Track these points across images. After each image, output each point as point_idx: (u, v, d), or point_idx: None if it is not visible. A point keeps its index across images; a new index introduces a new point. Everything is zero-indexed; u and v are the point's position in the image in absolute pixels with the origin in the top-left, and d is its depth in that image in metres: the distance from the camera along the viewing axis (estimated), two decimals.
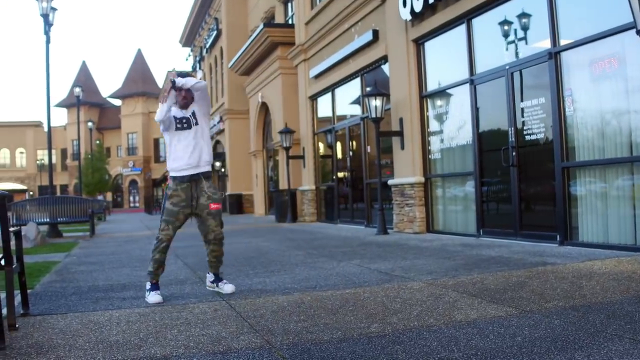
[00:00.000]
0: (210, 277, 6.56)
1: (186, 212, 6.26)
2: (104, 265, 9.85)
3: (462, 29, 11.81)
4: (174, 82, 6.04)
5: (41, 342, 4.51)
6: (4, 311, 4.84)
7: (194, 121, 6.25)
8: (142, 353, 4.10)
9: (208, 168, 6.35)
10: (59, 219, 17.95)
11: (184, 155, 6.19)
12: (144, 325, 4.96)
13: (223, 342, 4.32)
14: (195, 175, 6.22)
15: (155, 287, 6.20)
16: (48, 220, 17.84)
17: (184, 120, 6.23)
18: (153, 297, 6.06)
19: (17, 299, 5.58)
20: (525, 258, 7.95)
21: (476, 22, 11.50)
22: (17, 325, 4.98)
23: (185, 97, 6.22)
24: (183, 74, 6.20)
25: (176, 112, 6.27)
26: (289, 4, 25.17)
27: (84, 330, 4.86)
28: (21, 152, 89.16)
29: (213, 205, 6.26)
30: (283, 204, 21.56)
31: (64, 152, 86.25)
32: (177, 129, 6.24)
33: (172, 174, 6.29)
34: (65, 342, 4.50)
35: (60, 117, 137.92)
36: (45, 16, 19.00)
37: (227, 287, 6.36)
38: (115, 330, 4.82)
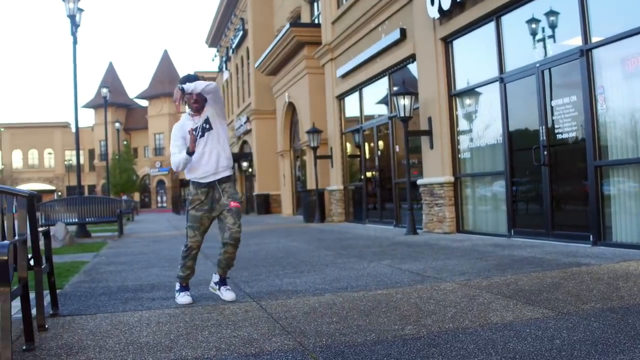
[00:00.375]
0: (215, 278, 6.31)
1: (210, 216, 6.09)
2: (132, 265, 9.89)
3: (491, 26, 11.70)
4: (183, 89, 5.81)
5: (71, 343, 4.52)
6: (34, 312, 4.85)
7: (207, 127, 6.03)
8: (173, 355, 4.09)
9: (227, 173, 6.14)
10: (87, 219, 18.09)
11: (199, 165, 6.01)
12: (174, 327, 4.95)
13: (255, 344, 4.29)
14: (212, 183, 6.04)
15: (184, 288, 6.17)
16: (76, 220, 17.99)
17: (196, 130, 6.01)
18: (183, 298, 6.03)
19: (47, 299, 5.61)
20: (559, 259, 7.84)
21: (505, 19, 11.38)
22: (46, 326, 5.00)
23: (197, 101, 5.99)
24: (191, 78, 5.94)
25: (188, 124, 6.09)
26: (315, 4, 25.15)
27: (114, 331, 4.87)
28: (49, 153, 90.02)
29: (233, 203, 6.02)
30: (311, 204, 21.54)
31: (91, 153, 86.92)
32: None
33: (191, 179, 6.14)
34: (95, 343, 4.51)
35: (88, 118, 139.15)
36: (72, 17, 19.12)
37: (227, 294, 6.14)
38: (145, 332, 4.82)
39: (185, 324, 5.04)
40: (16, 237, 4.52)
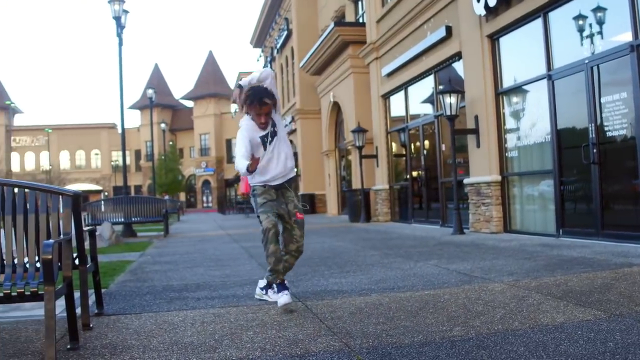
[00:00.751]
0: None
1: (280, 208, 5.72)
2: (178, 264, 9.95)
3: (538, 23, 11.52)
4: (240, 86, 5.69)
5: (115, 343, 4.55)
6: (78, 311, 4.89)
7: (274, 130, 5.75)
8: (217, 355, 4.09)
9: (293, 173, 5.94)
10: (133, 219, 18.29)
11: (267, 170, 5.71)
12: (219, 327, 4.95)
13: (300, 344, 4.28)
14: (281, 185, 5.81)
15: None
16: (122, 220, 18.20)
17: (266, 138, 5.72)
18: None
19: (92, 298, 5.65)
20: (609, 259, 7.69)
21: (553, 15, 11.20)
22: (91, 325, 5.04)
23: (265, 123, 5.66)
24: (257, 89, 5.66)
25: (257, 133, 5.73)
26: (360, 2, 25.10)
27: (158, 331, 4.89)
28: (96, 154, 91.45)
29: (300, 215, 5.83)
30: (356, 204, 21.48)
31: (137, 153, 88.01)
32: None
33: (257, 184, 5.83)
34: (139, 342, 4.53)
35: (134, 118, 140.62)
36: (117, 19, 19.37)
37: (276, 297, 5.57)
38: (190, 331, 4.83)
39: (230, 323, 5.04)
40: (61, 237, 4.56)
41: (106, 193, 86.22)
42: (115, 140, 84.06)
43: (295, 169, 6.12)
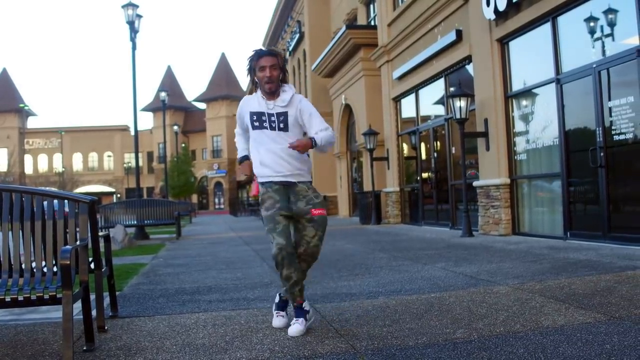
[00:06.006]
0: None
1: (284, 213, 4.90)
2: (190, 267, 10.07)
3: (547, 27, 11.61)
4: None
5: (129, 345, 4.67)
6: (94, 313, 5.02)
7: (282, 125, 5.02)
8: (228, 357, 4.21)
9: (308, 176, 5.18)
10: (145, 222, 18.41)
11: (265, 163, 5.03)
12: (230, 329, 5.07)
13: (308, 346, 4.40)
14: (287, 183, 5.00)
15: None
16: (135, 222, 18.32)
17: (264, 117, 5.03)
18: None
19: (106, 301, 5.76)
20: (614, 262, 7.77)
21: (562, 19, 11.28)
22: (106, 327, 5.17)
23: (271, 80, 4.98)
24: (262, 53, 5.03)
25: (258, 107, 5.07)
26: (371, 5, 25.18)
27: (171, 333, 5.01)
28: (109, 156, 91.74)
29: (315, 211, 4.95)
30: (367, 206, 21.57)
31: (150, 155, 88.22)
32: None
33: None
34: (152, 344, 4.66)
35: (147, 121, 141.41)
36: (131, 23, 19.61)
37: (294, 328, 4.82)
38: (201, 333, 4.95)
39: (241, 326, 5.16)
40: (78, 242, 4.70)
41: (118, 195, 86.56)
42: (128, 143, 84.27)
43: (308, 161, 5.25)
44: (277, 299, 5.22)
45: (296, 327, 4.76)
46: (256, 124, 4.99)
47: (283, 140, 4.94)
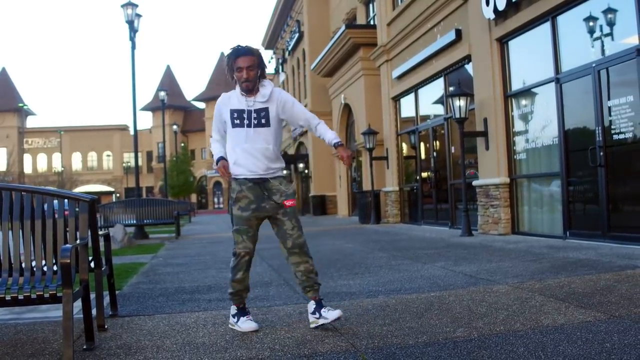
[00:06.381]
0: (310, 307, 4.98)
1: (258, 215, 5.01)
2: (189, 266, 10.09)
3: (546, 26, 11.61)
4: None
5: (129, 343, 4.68)
6: (94, 312, 5.02)
7: (264, 121, 5.07)
8: (228, 355, 4.22)
9: (281, 172, 5.22)
10: (145, 221, 18.41)
11: (241, 163, 5.10)
12: (229, 328, 5.08)
13: (308, 345, 4.40)
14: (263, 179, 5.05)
15: (243, 312, 5.07)
16: (134, 221, 18.33)
17: (243, 114, 5.07)
18: (245, 324, 4.94)
19: (106, 300, 5.77)
20: (614, 261, 7.77)
21: (561, 19, 11.28)
22: (106, 326, 5.18)
23: (248, 79, 5.02)
24: (240, 50, 5.14)
25: (236, 105, 5.13)
26: (371, 5, 25.17)
27: (171, 332, 5.02)
28: (108, 155, 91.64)
29: (287, 203, 5.00)
30: (367, 205, 21.57)
31: (149, 155, 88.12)
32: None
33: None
34: (152, 343, 4.67)
35: (146, 120, 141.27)
36: (130, 23, 19.62)
37: (331, 314, 4.81)
38: (201, 332, 4.97)
39: None
40: (78, 241, 4.71)
41: (118, 194, 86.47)
42: (127, 142, 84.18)
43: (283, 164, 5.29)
44: (234, 310, 5.11)
45: (332, 312, 4.79)
46: (237, 121, 5.03)
47: (261, 137, 5.01)
